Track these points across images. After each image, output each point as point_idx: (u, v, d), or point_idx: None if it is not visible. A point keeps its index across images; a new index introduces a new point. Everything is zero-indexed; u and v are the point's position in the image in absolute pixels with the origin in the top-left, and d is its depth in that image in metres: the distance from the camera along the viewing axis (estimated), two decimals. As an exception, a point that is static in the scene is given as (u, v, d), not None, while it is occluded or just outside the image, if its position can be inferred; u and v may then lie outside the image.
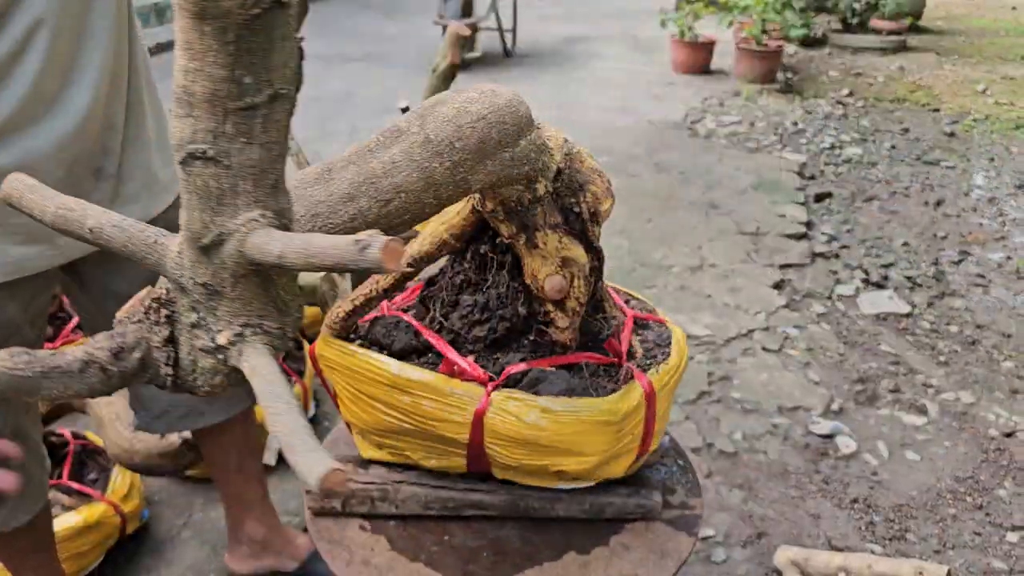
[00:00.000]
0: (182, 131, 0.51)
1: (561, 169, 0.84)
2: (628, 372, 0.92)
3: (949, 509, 2.03)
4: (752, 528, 1.95)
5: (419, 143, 0.72)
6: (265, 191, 0.53)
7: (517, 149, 0.77)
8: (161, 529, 1.88)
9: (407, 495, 0.96)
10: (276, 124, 0.52)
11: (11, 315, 1.13)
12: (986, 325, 2.94)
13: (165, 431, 1.46)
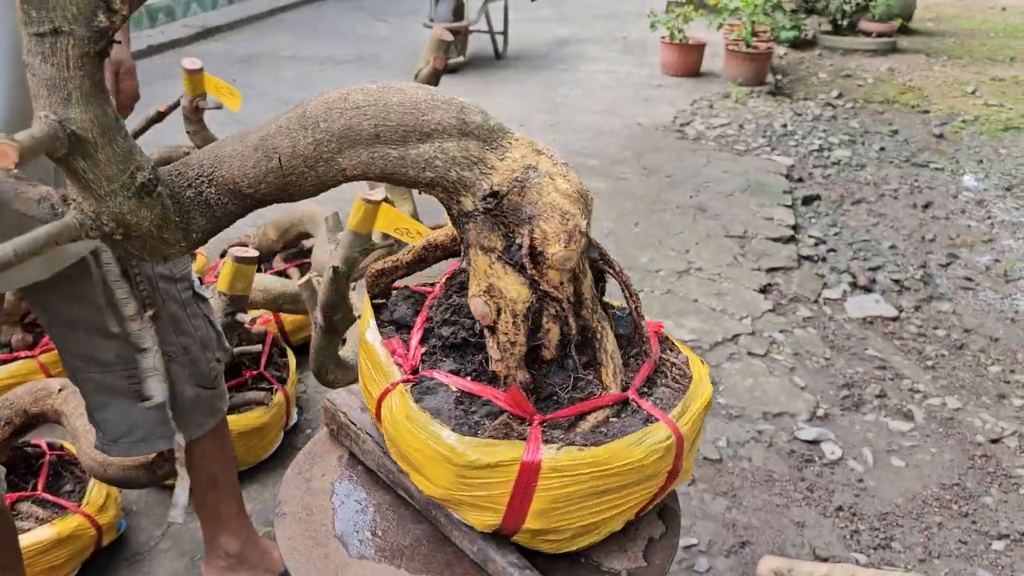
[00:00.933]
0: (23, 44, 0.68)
1: (499, 192, 0.82)
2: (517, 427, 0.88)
3: (935, 517, 2.02)
4: (736, 537, 1.94)
5: (297, 115, 0.80)
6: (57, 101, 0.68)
7: (411, 151, 0.78)
8: (139, 540, 1.85)
9: (369, 449, 1.05)
10: (63, 52, 0.66)
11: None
12: (973, 329, 2.93)
13: (121, 455, 1.42)
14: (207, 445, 1.51)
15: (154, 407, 1.28)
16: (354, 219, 1.76)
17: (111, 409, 1.36)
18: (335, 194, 2.75)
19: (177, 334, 1.37)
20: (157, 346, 1.26)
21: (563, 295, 0.86)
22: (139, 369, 1.26)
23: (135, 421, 1.37)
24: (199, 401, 1.44)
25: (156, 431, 1.39)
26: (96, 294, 1.24)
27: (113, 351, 1.29)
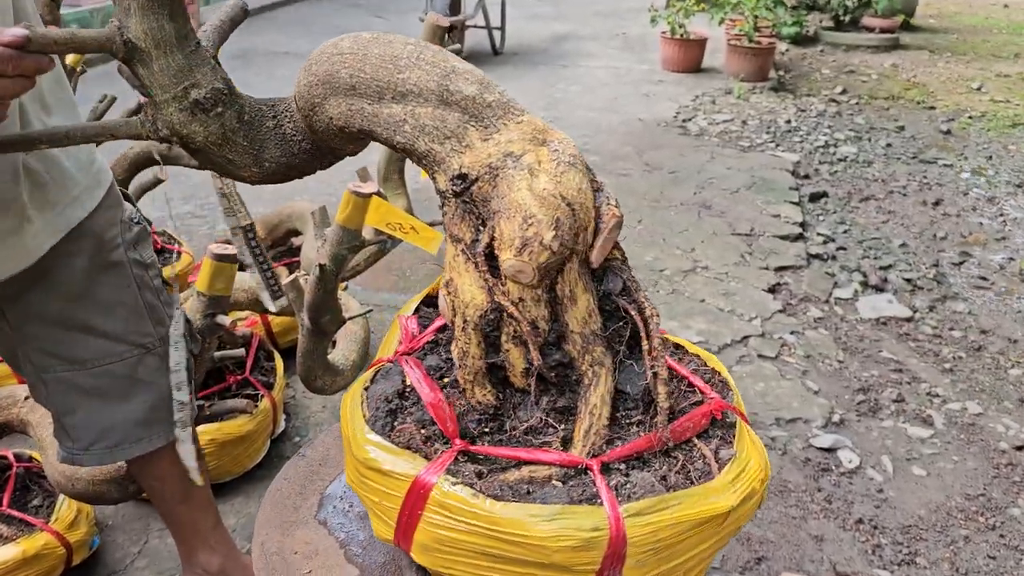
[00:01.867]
0: None
1: (467, 175, 0.70)
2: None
3: (960, 530, 1.91)
4: (751, 552, 1.82)
5: (309, 56, 0.82)
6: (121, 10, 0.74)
7: (385, 110, 0.73)
8: (113, 557, 1.73)
9: None
10: None
11: None
12: (991, 330, 2.82)
13: (94, 464, 1.31)
14: (174, 455, 1.40)
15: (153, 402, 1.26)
16: (342, 213, 1.64)
17: (80, 413, 1.26)
18: (324, 188, 2.61)
19: (154, 324, 1.28)
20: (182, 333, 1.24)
21: (523, 315, 0.73)
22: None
23: (108, 425, 1.27)
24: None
25: (132, 434, 1.29)
26: (74, 286, 1.16)
27: (90, 348, 1.20)
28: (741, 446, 0.79)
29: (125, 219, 1.25)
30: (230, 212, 1.34)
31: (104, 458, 1.29)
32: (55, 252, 1.13)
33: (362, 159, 2.64)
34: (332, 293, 1.46)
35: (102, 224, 1.19)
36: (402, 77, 0.71)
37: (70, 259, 1.15)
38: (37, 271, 1.11)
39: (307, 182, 3.81)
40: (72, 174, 1.13)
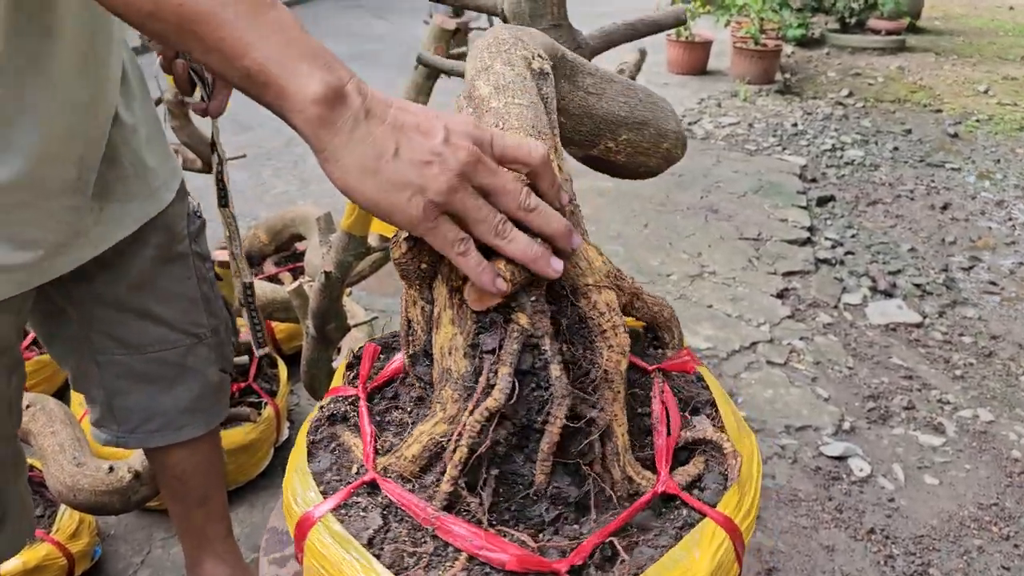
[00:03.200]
0: None
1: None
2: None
3: (974, 540, 1.88)
4: (761, 563, 1.79)
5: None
6: None
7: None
8: (116, 567, 1.71)
9: None
10: None
11: (2, 336, 1.05)
12: (1001, 336, 2.79)
13: (137, 445, 1.34)
14: (201, 452, 1.39)
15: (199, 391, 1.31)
16: (347, 220, 1.61)
17: (131, 396, 1.29)
18: (327, 192, 2.58)
19: (207, 315, 1.31)
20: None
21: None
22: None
23: (154, 410, 1.31)
24: (221, 387, 1.38)
25: (175, 420, 1.32)
26: (141, 274, 1.20)
27: (148, 334, 1.24)
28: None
29: (190, 212, 1.28)
30: (237, 273, 1.35)
31: (146, 441, 1.32)
32: (128, 241, 1.15)
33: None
34: (337, 300, 1.44)
35: (173, 217, 1.22)
36: None
37: (141, 248, 1.18)
38: (108, 257, 1.14)
39: (309, 186, 3.79)
40: (153, 167, 1.15)
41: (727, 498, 0.65)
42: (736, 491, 0.65)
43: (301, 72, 0.57)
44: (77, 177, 1.01)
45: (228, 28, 0.57)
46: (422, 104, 2.09)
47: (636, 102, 0.94)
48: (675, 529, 0.63)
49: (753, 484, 0.68)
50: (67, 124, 0.96)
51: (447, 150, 0.57)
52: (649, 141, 0.97)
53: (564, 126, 0.89)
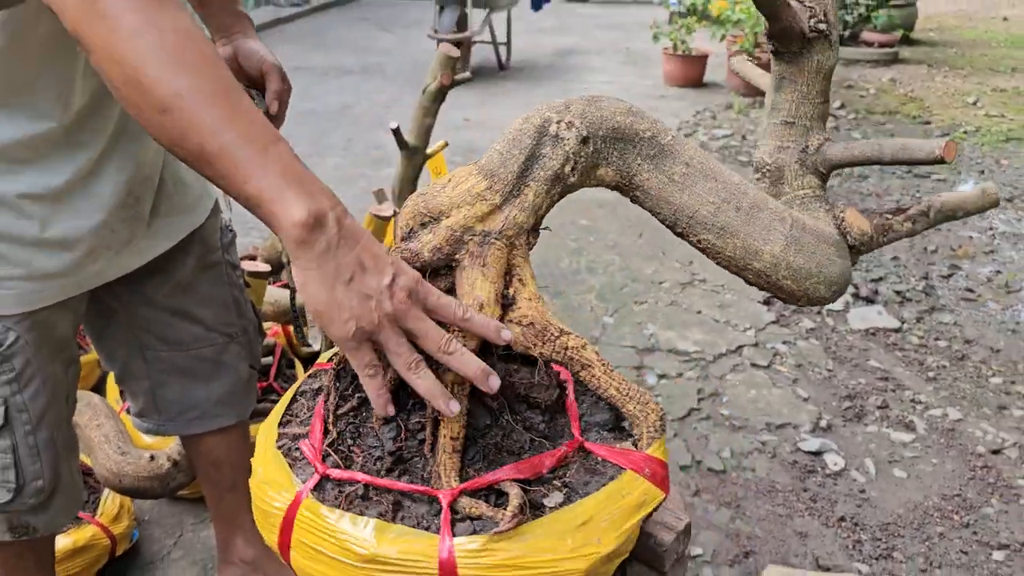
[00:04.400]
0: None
1: None
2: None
3: (936, 527, 2.05)
4: (739, 547, 1.96)
5: None
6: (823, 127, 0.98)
7: None
8: (151, 549, 1.88)
9: None
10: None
11: (61, 332, 1.21)
12: (975, 340, 2.96)
13: (175, 432, 1.51)
14: (233, 442, 1.55)
15: (231, 384, 1.48)
16: (365, 235, 1.78)
17: (171, 388, 1.46)
18: (353, 204, 2.77)
19: (238, 316, 1.48)
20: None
21: None
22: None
23: (192, 400, 1.47)
24: (250, 382, 1.54)
25: (211, 411, 1.49)
26: (182, 280, 1.37)
27: (188, 333, 1.40)
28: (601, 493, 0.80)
29: (222, 226, 1.45)
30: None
31: (184, 428, 1.49)
32: (171, 251, 1.32)
33: (378, 179, 2.81)
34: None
35: (209, 230, 1.40)
36: None
37: (183, 258, 1.35)
38: (155, 265, 1.31)
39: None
40: (191, 184, 1.33)
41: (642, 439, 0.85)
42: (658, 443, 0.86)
43: (289, 199, 0.69)
44: (134, 201, 1.20)
45: (239, 164, 0.70)
46: (430, 123, 2.26)
47: (728, 207, 0.90)
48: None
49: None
50: (139, 165, 1.15)
51: (387, 294, 0.71)
52: (733, 252, 0.92)
53: (644, 203, 0.93)
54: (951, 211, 0.97)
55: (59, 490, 1.30)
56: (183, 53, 0.71)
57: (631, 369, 2.63)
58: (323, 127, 5.12)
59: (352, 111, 5.55)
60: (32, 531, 1.30)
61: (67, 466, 1.32)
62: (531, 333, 0.83)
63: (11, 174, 1.04)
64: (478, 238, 0.83)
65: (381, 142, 4.77)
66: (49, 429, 1.23)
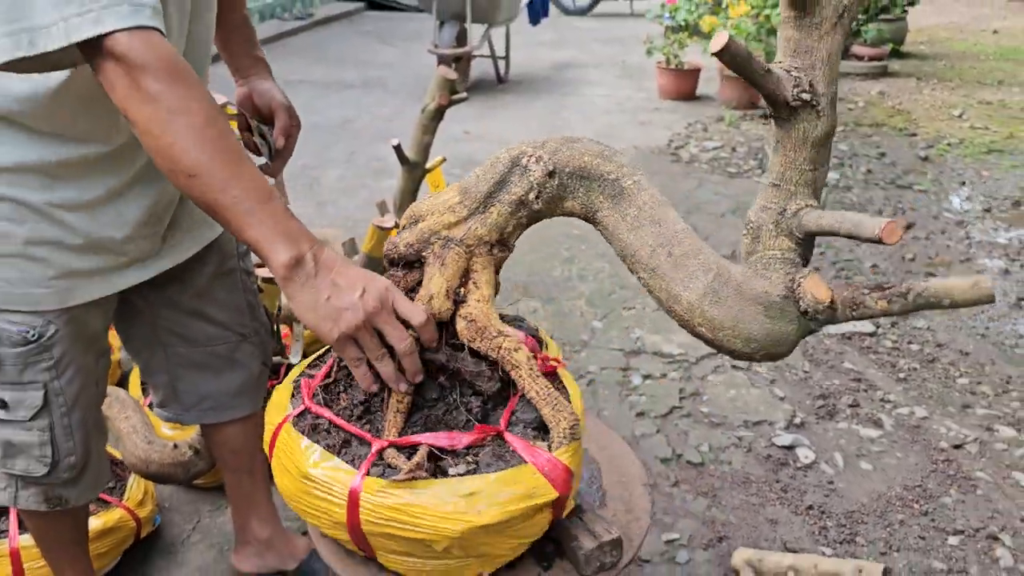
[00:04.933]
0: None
1: None
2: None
3: (897, 515, 2.21)
4: (714, 532, 2.12)
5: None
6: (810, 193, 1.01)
7: None
8: (172, 533, 2.05)
9: None
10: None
11: (93, 327, 1.39)
12: (945, 344, 3.12)
13: (192, 421, 1.68)
14: (248, 430, 1.72)
15: (244, 379, 1.65)
16: (368, 244, 1.97)
17: (191, 381, 1.62)
18: (343, 218, 3.01)
19: (251, 319, 1.64)
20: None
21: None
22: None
23: (208, 393, 1.64)
24: (261, 377, 1.70)
25: (225, 402, 1.65)
26: (201, 285, 1.53)
27: (205, 332, 1.57)
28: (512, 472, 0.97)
29: None
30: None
31: (201, 418, 1.66)
32: (191, 259, 1.49)
33: (379, 190, 3.00)
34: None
35: (226, 240, 1.57)
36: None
37: (202, 265, 1.52)
38: (177, 271, 1.48)
39: (326, 208, 4.14)
40: None
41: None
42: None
43: (277, 248, 0.94)
44: (156, 220, 1.38)
45: (242, 217, 0.95)
46: (428, 141, 2.44)
47: (662, 252, 0.99)
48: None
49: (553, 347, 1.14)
50: (162, 191, 1.33)
51: (360, 303, 0.94)
52: (659, 293, 1.00)
53: (604, 236, 1.06)
54: (935, 298, 0.92)
55: (89, 466, 1.47)
56: (206, 130, 0.95)
57: (618, 370, 2.79)
58: (326, 140, 5.30)
59: (354, 124, 5.73)
60: (64, 502, 1.47)
61: (96, 446, 1.49)
62: (472, 329, 1.03)
63: (46, 187, 1.22)
64: (441, 241, 1.04)
65: (382, 154, 4.94)
66: (82, 411, 1.41)
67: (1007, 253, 3.95)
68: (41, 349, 1.31)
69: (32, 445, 1.37)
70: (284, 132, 1.50)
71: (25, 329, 1.29)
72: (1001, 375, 2.92)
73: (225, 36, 1.53)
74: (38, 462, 1.39)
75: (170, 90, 0.94)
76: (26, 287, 1.27)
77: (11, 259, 1.25)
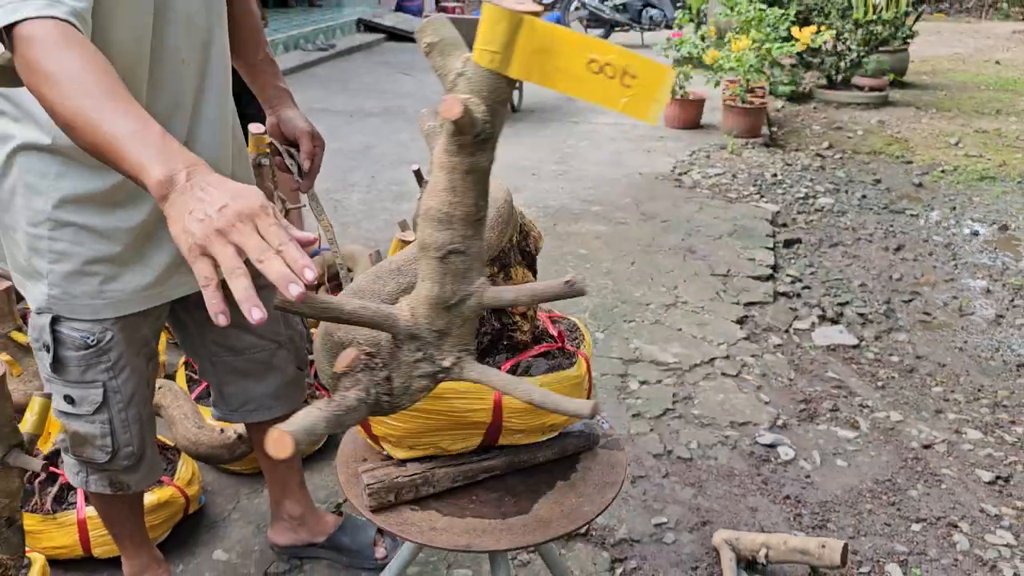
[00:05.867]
0: (442, 238, 0.90)
1: (520, 223, 1.30)
2: (573, 353, 1.36)
3: (866, 505, 2.43)
4: (698, 518, 2.35)
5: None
6: (483, 265, 0.94)
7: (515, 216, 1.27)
8: (214, 512, 2.30)
9: (440, 476, 1.30)
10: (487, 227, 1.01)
11: (145, 333, 1.59)
12: (925, 356, 3.35)
13: (238, 420, 1.90)
14: None
15: (281, 382, 1.82)
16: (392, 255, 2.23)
17: (235, 385, 1.82)
18: (366, 236, 3.34)
19: (285, 327, 1.83)
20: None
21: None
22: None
23: (250, 396, 1.84)
24: (297, 380, 1.89)
25: (265, 404, 1.85)
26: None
27: (244, 341, 1.76)
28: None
29: None
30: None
31: (245, 418, 1.86)
32: None
33: (399, 213, 3.35)
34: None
35: None
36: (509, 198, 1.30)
37: None
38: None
39: (348, 229, 4.43)
40: None
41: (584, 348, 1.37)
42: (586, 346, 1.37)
43: (151, 168, 0.93)
44: None
45: (115, 150, 0.97)
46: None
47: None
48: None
49: (588, 344, 1.39)
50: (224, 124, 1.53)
51: (216, 215, 0.87)
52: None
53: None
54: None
55: (144, 456, 1.68)
56: (81, 80, 1.01)
57: (617, 376, 3.04)
58: (348, 165, 5.61)
59: (374, 150, 6.05)
60: (127, 487, 1.70)
61: (149, 438, 1.69)
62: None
63: (103, 212, 1.43)
64: None
65: (401, 179, 5.24)
66: (136, 408, 1.61)
67: (990, 274, 4.18)
68: (100, 352, 1.48)
69: (95, 436, 1.58)
70: (308, 155, 1.72)
71: (86, 335, 1.47)
72: (974, 384, 3.14)
73: (252, 73, 1.75)
74: (100, 451, 1.60)
75: (57, 60, 1.01)
76: (87, 299, 1.44)
77: (74, 275, 1.45)
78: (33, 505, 2.00)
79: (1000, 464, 2.64)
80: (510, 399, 1.25)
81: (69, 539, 1.99)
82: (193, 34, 1.42)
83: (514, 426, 1.30)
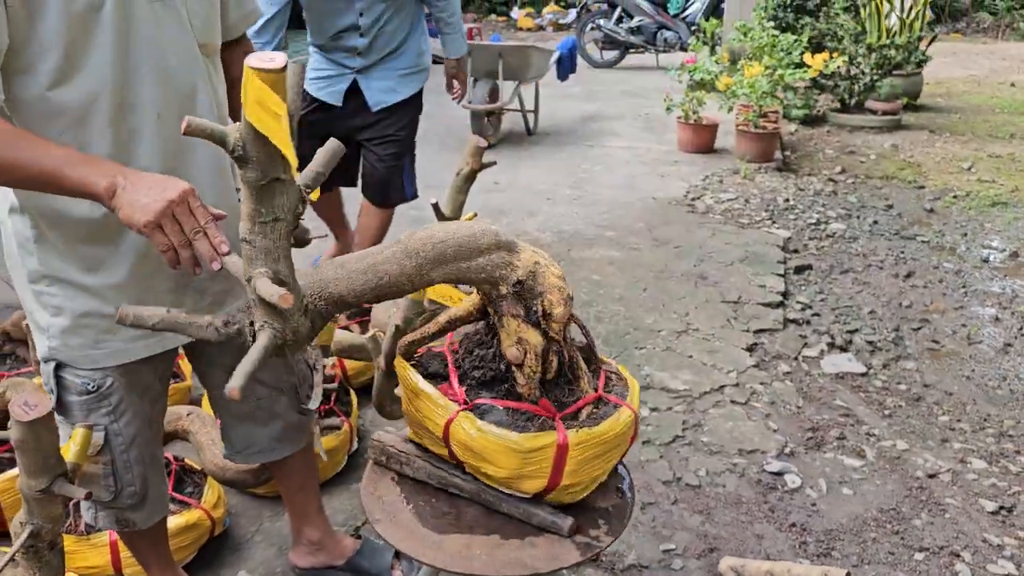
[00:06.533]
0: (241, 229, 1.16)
1: (522, 280, 1.37)
2: (547, 423, 1.37)
3: (871, 533, 2.49)
4: (706, 544, 2.42)
5: (401, 249, 1.28)
6: (271, 260, 1.15)
7: (473, 263, 1.29)
8: (238, 534, 2.39)
9: (419, 466, 1.49)
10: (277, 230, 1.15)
11: (147, 379, 1.67)
12: (932, 384, 3.40)
13: (243, 462, 1.99)
14: (298, 458, 2.05)
15: (283, 427, 1.91)
16: (411, 290, 2.32)
17: (239, 429, 1.92)
18: None
19: (287, 374, 1.92)
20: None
21: (560, 338, 1.40)
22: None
23: (253, 439, 1.94)
24: (300, 424, 1.98)
25: (268, 446, 1.95)
26: (241, 347, 1.80)
27: (248, 388, 1.80)
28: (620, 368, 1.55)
29: None
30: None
31: (248, 459, 1.97)
32: None
33: (422, 247, 3.31)
34: (404, 345, 2.13)
35: None
36: (480, 243, 1.29)
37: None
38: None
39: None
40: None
41: (629, 399, 1.44)
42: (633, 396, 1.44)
43: (95, 183, 1.25)
44: (195, 294, 1.64)
45: (57, 179, 1.26)
46: (462, 200, 2.80)
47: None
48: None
49: (635, 396, 1.47)
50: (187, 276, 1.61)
51: (155, 204, 1.21)
52: None
53: None
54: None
55: (148, 495, 1.76)
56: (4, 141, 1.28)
57: (628, 403, 3.11)
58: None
59: (393, 174, 6.16)
60: (132, 524, 1.78)
61: (154, 478, 1.77)
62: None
63: (91, 271, 1.52)
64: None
65: (418, 203, 5.34)
66: (138, 449, 1.69)
67: (1000, 302, 4.23)
68: (101, 398, 1.58)
69: (98, 476, 1.67)
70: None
71: (87, 382, 1.56)
72: (981, 413, 3.19)
73: None
74: (104, 490, 1.69)
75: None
76: (85, 350, 1.54)
77: (71, 329, 1.52)
78: (68, 526, 2.10)
79: (1004, 494, 2.69)
80: (456, 427, 1.38)
81: (101, 559, 2.09)
82: (170, 90, 1.49)
83: (458, 454, 1.42)
